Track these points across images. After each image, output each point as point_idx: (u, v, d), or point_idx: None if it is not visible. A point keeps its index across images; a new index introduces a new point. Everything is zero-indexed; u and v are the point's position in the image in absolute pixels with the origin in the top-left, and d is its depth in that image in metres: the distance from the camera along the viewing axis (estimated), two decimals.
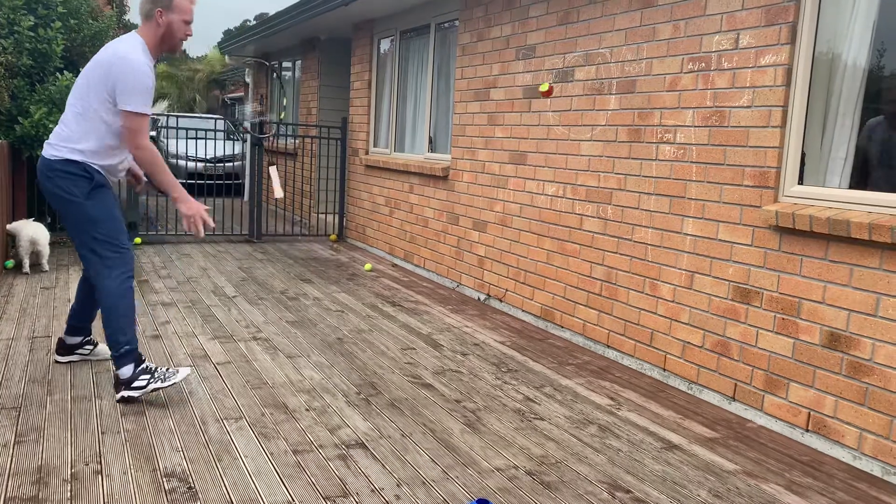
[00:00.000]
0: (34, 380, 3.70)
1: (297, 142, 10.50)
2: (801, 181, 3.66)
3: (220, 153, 12.93)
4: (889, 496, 3.01)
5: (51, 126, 6.38)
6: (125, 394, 3.45)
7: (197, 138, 8.90)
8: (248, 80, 14.65)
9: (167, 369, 3.54)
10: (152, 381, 3.46)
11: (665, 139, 4.31)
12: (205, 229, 3.52)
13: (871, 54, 3.42)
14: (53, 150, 3.43)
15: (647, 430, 3.55)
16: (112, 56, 3.37)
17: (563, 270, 5.19)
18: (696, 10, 4.10)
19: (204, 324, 4.95)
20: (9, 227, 6.13)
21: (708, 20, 4.03)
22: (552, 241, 5.30)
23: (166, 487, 2.70)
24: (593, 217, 4.89)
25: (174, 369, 3.54)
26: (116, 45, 3.44)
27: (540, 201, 5.43)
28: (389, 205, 7.97)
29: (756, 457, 3.31)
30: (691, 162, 4.14)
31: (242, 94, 19.50)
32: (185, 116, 12.06)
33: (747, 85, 3.80)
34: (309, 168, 10.22)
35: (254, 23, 15.16)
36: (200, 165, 12.04)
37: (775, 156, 3.67)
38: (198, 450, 3.03)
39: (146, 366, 3.51)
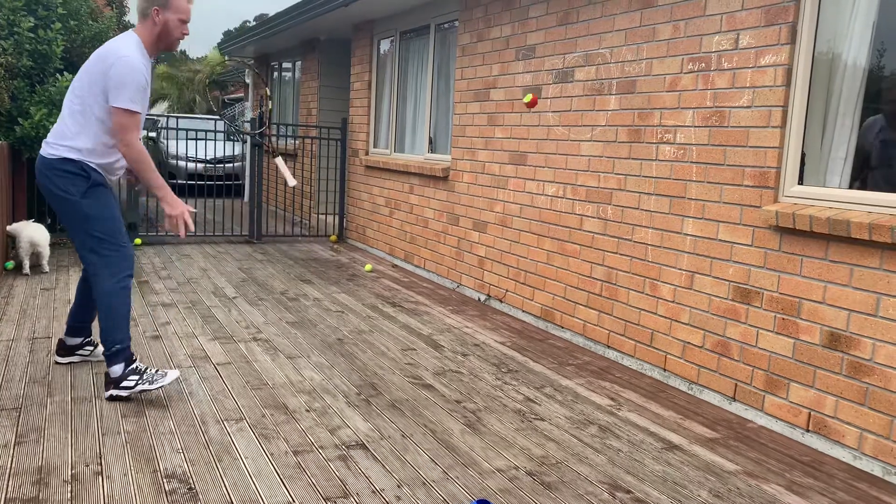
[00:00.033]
0: (34, 381, 3.70)
1: (297, 142, 10.50)
2: (801, 181, 3.66)
3: (220, 154, 12.93)
4: (890, 496, 3.01)
5: (51, 127, 6.37)
6: (113, 392, 3.48)
7: (197, 139, 8.90)
8: (247, 80, 14.66)
9: (156, 371, 3.55)
10: (140, 382, 3.48)
11: (665, 139, 4.31)
12: (186, 231, 3.55)
13: (871, 54, 3.42)
14: (51, 148, 3.45)
15: (647, 430, 3.55)
16: (108, 54, 3.40)
17: (564, 271, 5.19)
18: (696, 10, 4.10)
19: (204, 324, 4.95)
20: (9, 229, 6.13)
21: (708, 20, 4.03)
22: (552, 241, 5.30)
23: (167, 488, 2.70)
24: (593, 217, 4.89)
25: (163, 372, 3.55)
26: (112, 43, 3.47)
27: (540, 202, 5.43)
28: (389, 205, 7.97)
29: (756, 457, 3.31)
30: (691, 162, 4.14)
31: (242, 94, 19.51)
32: (185, 117, 12.07)
33: (747, 85, 3.80)
34: (309, 169, 10.22)
35: (253, 24, 15.17)
36: (201, 166, 12.04)
37: (775, 156, 3.67)
38: (198, 451, 3.03)
39: (136, 366, 3.52)
